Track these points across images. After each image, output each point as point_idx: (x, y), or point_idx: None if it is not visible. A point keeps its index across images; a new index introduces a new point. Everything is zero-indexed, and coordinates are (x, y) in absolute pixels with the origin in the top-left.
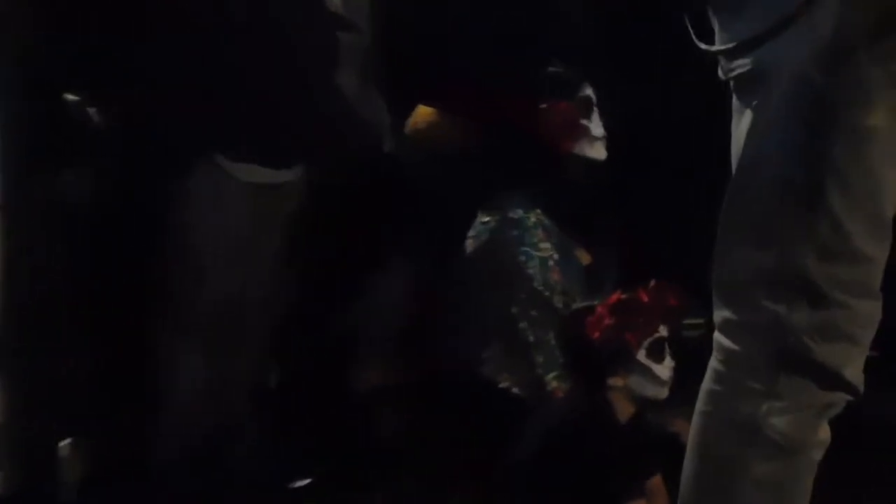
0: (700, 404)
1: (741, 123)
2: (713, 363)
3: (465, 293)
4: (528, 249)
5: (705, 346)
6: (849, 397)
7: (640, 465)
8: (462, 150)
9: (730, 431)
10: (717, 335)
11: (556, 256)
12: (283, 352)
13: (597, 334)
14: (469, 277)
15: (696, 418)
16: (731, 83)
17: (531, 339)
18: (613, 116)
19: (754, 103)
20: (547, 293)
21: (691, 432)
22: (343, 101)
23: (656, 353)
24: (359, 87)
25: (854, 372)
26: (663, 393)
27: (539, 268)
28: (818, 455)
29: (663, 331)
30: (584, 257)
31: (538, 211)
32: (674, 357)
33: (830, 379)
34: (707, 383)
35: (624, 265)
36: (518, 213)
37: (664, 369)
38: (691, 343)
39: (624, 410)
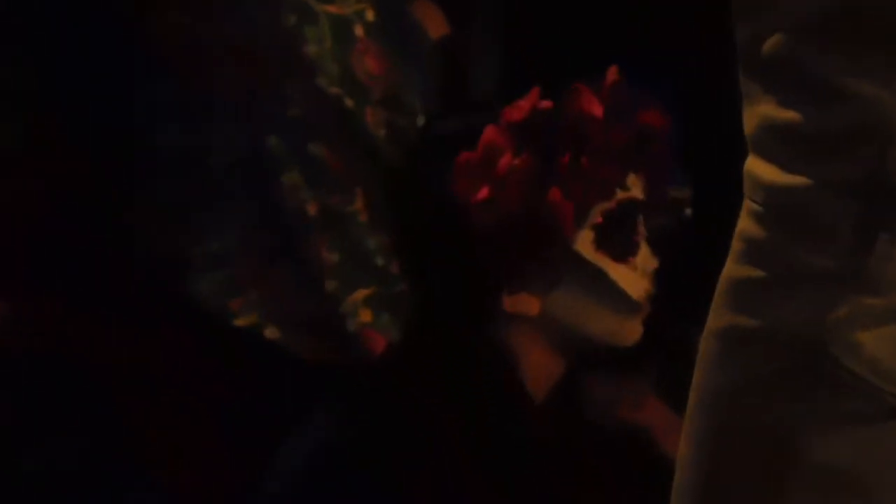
0: (706, 361)
1: None
2: (733, 267)
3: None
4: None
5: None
6: None
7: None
8: None
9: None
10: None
11: (368, 17)
12: None
13: (482, 193)
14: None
15: (696, 397)
16: None
17: (309, 212)
18: None
19: None
20: (349, 103)
21: (685, 439)
22: None
23: (620, 238)
24: None
25: None
26: (631, 331)
27: (329, 43)
28: None
29: (635, 189)
30: (435, 21)
31: None
32: (657, 248)
33: None
34: (717, 318)
35: (535, 38)
36: None
37: (637, 275)
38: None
39: (540, 375)
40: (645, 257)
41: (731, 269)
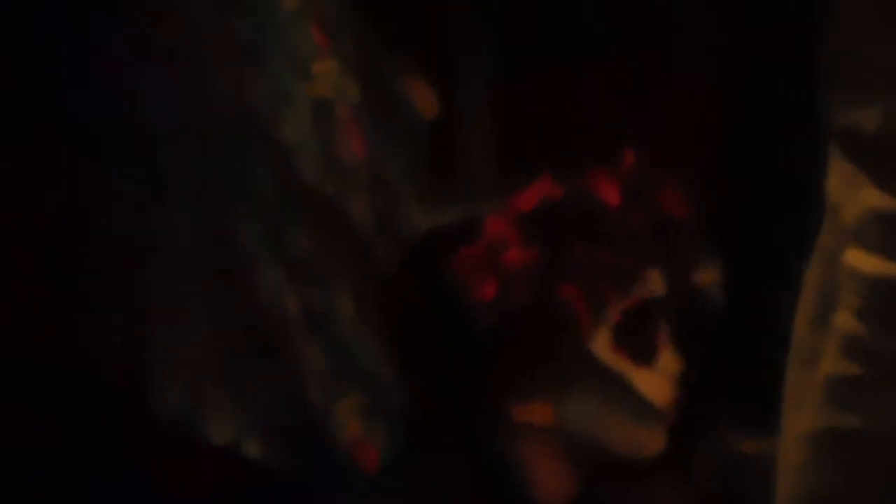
0: (796, 466)
1: None
2: (832, 364)
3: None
4: (281, 74)
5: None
6: None
7: None
8: None
9: None
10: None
11: (353, 97)
12: None
13: (489, 290)
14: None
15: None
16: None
17: (290, 311)
18: None
19: None
20: (331, 190)
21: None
22: None
23: (639, 339)
24: None
25: None
26: (653, 441)
27: (309, 127)
28: None
29: (655, 284)
30: (427, 100)
31: None
32: (682, 349)
33: None
34: (814, 419)
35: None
36: None
37: (659, 379)
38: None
39: (553, 492)
40: (668, 359)
41: (831, 365)
